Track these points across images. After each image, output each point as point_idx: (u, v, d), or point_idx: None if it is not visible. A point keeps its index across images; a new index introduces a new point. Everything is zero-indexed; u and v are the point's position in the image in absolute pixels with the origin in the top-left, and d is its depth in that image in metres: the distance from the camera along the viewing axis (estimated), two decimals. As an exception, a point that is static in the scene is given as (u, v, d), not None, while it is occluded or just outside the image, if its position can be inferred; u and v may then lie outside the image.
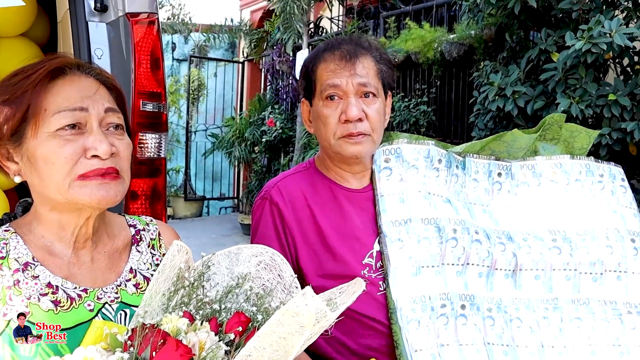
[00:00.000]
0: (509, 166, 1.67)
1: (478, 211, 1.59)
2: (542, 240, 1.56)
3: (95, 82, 1.10)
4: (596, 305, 1.53)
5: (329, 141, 1.46)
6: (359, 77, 1.43)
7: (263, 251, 1.11)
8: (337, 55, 1.45)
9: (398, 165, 1.53)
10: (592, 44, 2.96)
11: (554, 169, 1.68)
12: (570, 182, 1.67)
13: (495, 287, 1.50)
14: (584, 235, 1.59)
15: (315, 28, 7.76)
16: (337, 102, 1.44)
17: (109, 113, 1.08)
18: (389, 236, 1.44)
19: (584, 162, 1.70)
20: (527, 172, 1.67)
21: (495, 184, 1.65)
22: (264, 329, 0.86)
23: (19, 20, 2.15)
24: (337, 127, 1.44)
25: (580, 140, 1.73)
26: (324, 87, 1.45)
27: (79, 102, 1.05)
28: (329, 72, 1.45)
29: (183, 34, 10.46)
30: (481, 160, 1.64)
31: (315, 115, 1.50)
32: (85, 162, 1.03)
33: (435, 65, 5.44)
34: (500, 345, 1.43)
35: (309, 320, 0.86)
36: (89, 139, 1.04)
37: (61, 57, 1.10)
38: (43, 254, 1.08)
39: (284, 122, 7.86)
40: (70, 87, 1.06)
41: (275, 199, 1.49)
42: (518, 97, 3.59)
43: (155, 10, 1.83)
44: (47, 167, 1.03)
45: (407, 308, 1.39)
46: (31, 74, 1.05)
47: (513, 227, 1.58)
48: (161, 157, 1.86)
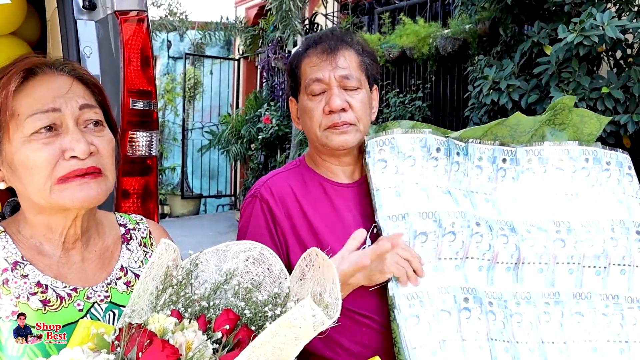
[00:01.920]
0: (514, 151, 1.60)
1: (480, 200, 1.54)
2: (546, 231, 1.51)
3: (68, 79, 1.07)
4: (598, 299, 1.50)
5: (316, 133, 1.47)
6: (340, 69, 1.45)
7: (251, 246, 1.11)
8: (319, 49, 1.47)
9: (393, 157, 1.47)
10: (584, 36, 2.95)
11: (560, 156, 1.61)
12: (577, 170, 1.61)
13: (496, 281, 1.47)
14: (589, 226, 1.55)
15: (310, 24, 7.75)
16: (320, 95, 1.46)
17: (84, 110, 1.05)
18: (385, 232, 1.40)
19: (591, 148, 1.63)
20: (532, 157, 1.60)
21: (500, 171, 1.58)
22: (259, 339, 0.85)
23: (9, 19, 2.14)
24: (322, 118, 1.45)
25: (590, 126, 1.66)
26: (308, 82, 1.46)
27: (51, 102, 1.02)
28: (311, 67, 1.47)
29: (179, 31, 10.44)
30: (485, 146, 1.57)
31: (302, 110, 1.51)
32: (64, 163, 1.01)
33: (430, 60, 5.43)
34: (502, 342, 1.40)
35: (306, 332, 0.85)
36: (66, 140, 1.01)
37: (30, 57, 1.07)
38: (32, 253, 1.07)
39: (280, 119, 7.86)
40: (41, 87, 1.03)
41: (265, 197, 1.48)
42: (512, 91, 3.59)
43: (145, 8, 1.83)
44: (27, 173, 1.01)
45: (404, 304, 1.36)
46: (0, 78, 1.02)
47: (516, 217, 1.53)
48: (152, 155, 1.86)
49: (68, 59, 1.18)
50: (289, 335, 0.86)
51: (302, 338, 0.86)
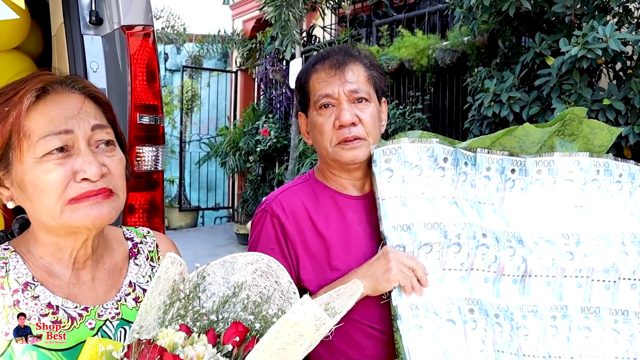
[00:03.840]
0: (523, 162, 1.57)
1: (487, 211, 1.52)
2: (555, 244, 1.49)
3: (80, 97, 1.06)
4: (606, 314, 1.48)
5: (326, 149, 1.47)
6: (349, 83, 1.46)
7: (258, 258, 1.10)
8: (327, 65, 1.48)
9: (400, 166, 1.46)
10: (587, 49, 2.97)
11: (571, 167, 1.58)
12: (587, 182, 1.58)
13: (502, 293, 1.45)
14: (599, 240, 1.52)
15: (308, 37, 7.78)
16: (330, 110, 1.46)
17: (96, 130, 1.04)
18: (390, 242, 1.39)
19: (602, 160, 1.60)
20: (542, 168, 1.57)
21: (508, 181, 1.55)
22: (263, 340, 0.85)
23: (13, 34, 2.14)
24: (333, 133, 1.46)
25: (601, 137, 1.63)
26: (317, 98, 1.47)
27: (64, 124, 1.00)
28: (320, 83, 1.47)
29: (177, 44, 10.47)
30: (494, 156, 1.55)
31: (312, 125, 1.52)
32: (76, 185, 1.00)
33: (428, 72, 5.45)
34: (509, 354, 1.39)
35: (308, 329, 0.85)
36: (78, 161, 1.00)
37: (43, 75, 1.05)
38: (42, 274, 1.06)
39: (278, 131, 7.86)
40: (53, 107, 1.02)
41: (276, 212, 1.48)
42: (513, 103, 3.60)
43: (151, 22, 1.83)
44: (37, 194, 1.00)
45: (408, 314, 1.35)
46: (12, 97, 1.01)
47: (524, 229, 1.51)
48: (158, 169, 1.85)
49: (78, 76, 1.16)
50: (292, 335, 0.86)
51: (305, 338, 0.86)
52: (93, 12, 1.80)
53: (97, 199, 1.01)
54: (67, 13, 1.80)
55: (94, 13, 1.80)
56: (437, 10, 5.79)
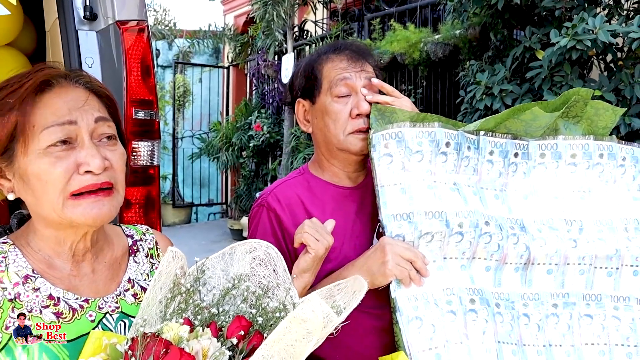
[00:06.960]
0: (526, 145, 1.52)
1: (490, 197, 1.48)
2: (557, 230, 1.46)
3: (84, 91, 1.06)
4: (608, 301, 1.46)
5: (338, 137, 1.47)
6: (366, 73, 1.49)
7: (257, 246, 1.10)
8: (346, 53, 1.51)
9: (400, 152, 1.40)
10: (576, 40, 3.00)
11: (574, 151, 1.54)
12: (591, 166, 1.54)
13: (503, 281, 1.43)
14: (602, 225, 1.49)
15: (300, 31, 7.77)
16: (347, 98, 1.47)
17: (99, 123, 1.05)
18: (389, 231, 1.36)
19: (606, 143, 1.56)
20: (546, 152, 1.53)
21: (511, 166, 1.51)
22: (271, 336, 0.86)
23: (5, 30, 2.13)
24: (348, 122, 1.46)
25: (605, 118, 1.57)
26: (334, 81, 1.47)
27: (67, 115, 1.01)
28: (338, 69, 1.49)
29: (168, 39, 10.42)
30: (497, 139, 1.50)
31: (321, 112, 1.50)
32: (79, 178, 1.00)
33: (420, 65, 5.46)
34: (510, 344, 1.37)
35: (316, 326, 0.86)
36: (81, 154, 1.01)
37: (47, 69, 1.06)
38: (42, 266, 1.06)
39: (271, 127, 7.86)
40: (58, 99, 1.02)
41: (272, 205, 1.49)
42: (505, 96, 3.62)
43: (145, 17, 1.83)
44: (40, 186, 1.01)
45: (407, 306, 1.33)
46: (17, 89, 1.01)
47: (527, 215, 1.47)
48: (154, 164, 1.85)
49: (83, 70, 1.17)
50: (300, 332, 0.87)
51: (313, 335, 0.87)
52: (87, 8, 1.80)
53: (99, 197, 1.02)
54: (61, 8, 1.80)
55: (88, 8, 1.80)
56: (429, 3, 5.80)
